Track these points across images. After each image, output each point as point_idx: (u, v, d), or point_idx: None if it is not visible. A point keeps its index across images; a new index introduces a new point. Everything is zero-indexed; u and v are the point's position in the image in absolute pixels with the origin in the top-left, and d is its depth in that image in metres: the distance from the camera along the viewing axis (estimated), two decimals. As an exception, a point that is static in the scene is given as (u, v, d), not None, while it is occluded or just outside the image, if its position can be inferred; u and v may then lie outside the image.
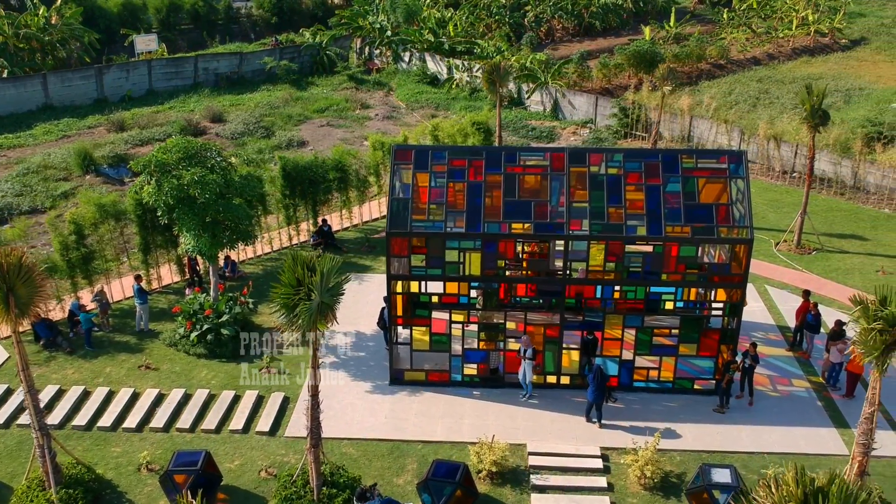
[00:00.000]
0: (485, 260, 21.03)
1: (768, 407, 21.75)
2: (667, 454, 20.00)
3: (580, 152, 21.62)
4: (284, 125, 44.73)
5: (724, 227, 20.52)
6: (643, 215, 20.64)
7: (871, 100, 48.73)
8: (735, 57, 61.31)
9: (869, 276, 28.72)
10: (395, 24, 57.21)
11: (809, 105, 28.93)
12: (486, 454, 18.96)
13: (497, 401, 21.88)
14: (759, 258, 30.12)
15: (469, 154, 21.59)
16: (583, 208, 20.77)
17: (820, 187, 36.64)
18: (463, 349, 22.00)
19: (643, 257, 20.95)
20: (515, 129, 44.59)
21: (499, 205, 20.91)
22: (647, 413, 21.49)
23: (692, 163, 21.29)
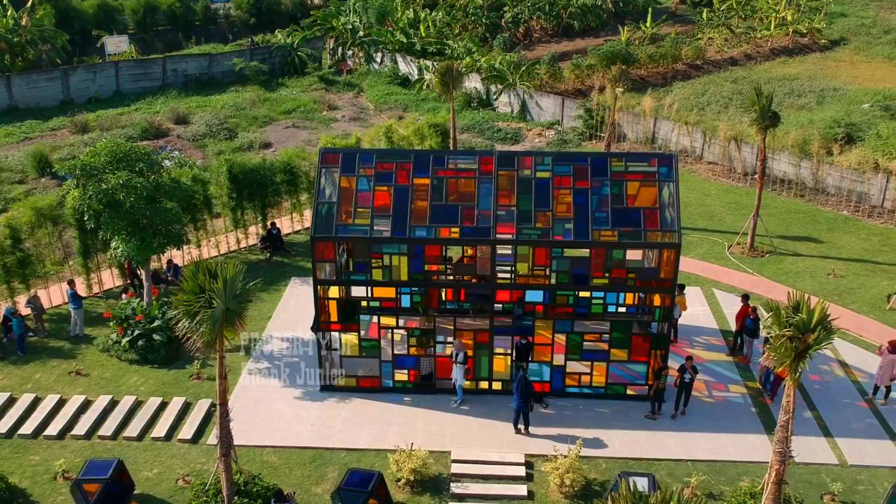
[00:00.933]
0: (412, 265, 20.74)
1: (701, 413, 21.48)
2: (592, 461, 19.74)
3: (509, 156, 21.37)
4: (249, 127, 44.44)
5: (653, 231, 20.22)
6: (571, 219, 20.34)
7: (843, 100, 48.47)
8: (712, 57, 61.06)
9: (819, 280, 28.46)
10: (367, 24, 56.93)
11: (759, 107, 28.65)
12: (404, 462, 18.69)
13: (428, 407, 21.61)
14: (711, 261, 29.90)
15: (397, 157, 21.31)
16: (510, 212, 20.49)
17: (780, 189, 36.39)
18: (393, 355, 21.72)
19: (570, 262, 20.66)
20: (482, 130, 44.32)
21: (426, 209, 20.61)
22: (578, 419, 21.23)
23: (622, 166, 21.00)
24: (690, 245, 31.13)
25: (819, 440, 20.52)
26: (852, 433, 20.76)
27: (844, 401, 22.10)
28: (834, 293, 27.50)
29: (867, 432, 20.79)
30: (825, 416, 21.43)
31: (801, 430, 20.78)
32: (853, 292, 27.57)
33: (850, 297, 27.25)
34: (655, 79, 55.75)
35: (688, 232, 32.23)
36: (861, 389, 22.54)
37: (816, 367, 23.59)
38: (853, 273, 28.90)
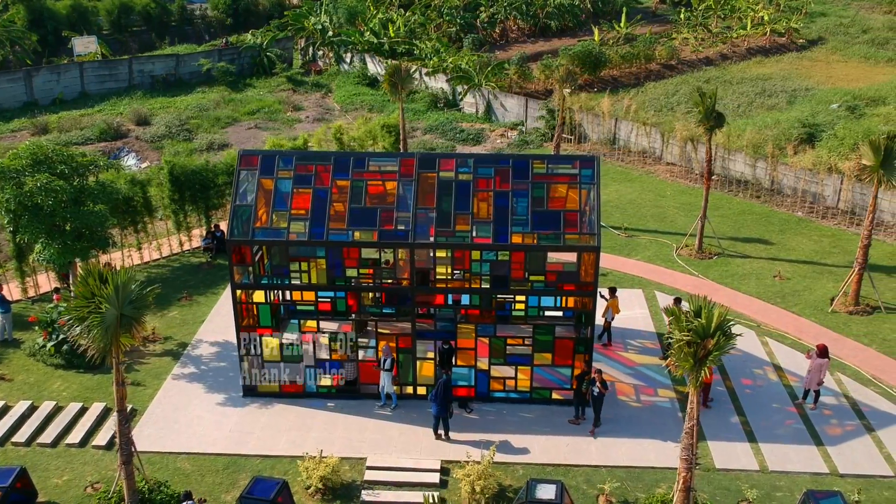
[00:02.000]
0: (330, 268, 20.47)
1: (627, 418, 21.20)
2: (510, 467, 19.47)
3: (430, 157, 21.09)
4: (210, 128, 44.19)
5: (572, 234, 19.94)
6: (490, 222, 20.07)
7: (813, 100, 48.21)
8: (687, 57, 60.79)
9: (765, 282, 28.18)
10: (337, 25, 56.65)
11: (703, 108, 28.37)
12: (314, 469, 18.41)
13: (350, 412, 21.34)
14: (658, 263, 29.64)
15: (317, 159, 21.03)
16: (430, 215, 20.21)
17: (736, 190, 36.10)
18: (315, 360, 21.45)
19: (490, 265, 20.39)
20: (444, 131, 44.05)
21: (344, 212, 20.35)
22: (501, 424, 20.95)
23: (543, 168, 20.73)
24: (639, 247, 30.87)
25: (743, 445, 20.23)
26: (777, 438, 20.47)
27: (774, 405, 21.81)
28: (777, 295, 27.22)
29: (792, 438, 20.51)
30: (752, 420, 21.14)
31: (726, 436, 20.57)
32: (797, 295, 27.29)
33: (794, 300, 26.97)
34: (628, 79, 55.47)
35: (637, 234, 32.00)
36: (793, 394, 22.26)
37: (750, 370, 23.34)
38: (800, 275, 28.62)
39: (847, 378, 23.00)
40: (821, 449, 20.12)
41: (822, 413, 21.50)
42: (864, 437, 20.53)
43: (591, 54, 53.69)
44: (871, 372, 23.25)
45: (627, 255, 30.26)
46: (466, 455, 19.12)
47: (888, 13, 76.57)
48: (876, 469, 19.43)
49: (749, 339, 24.84)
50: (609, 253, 30.39)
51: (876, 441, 20.40)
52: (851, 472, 19.33)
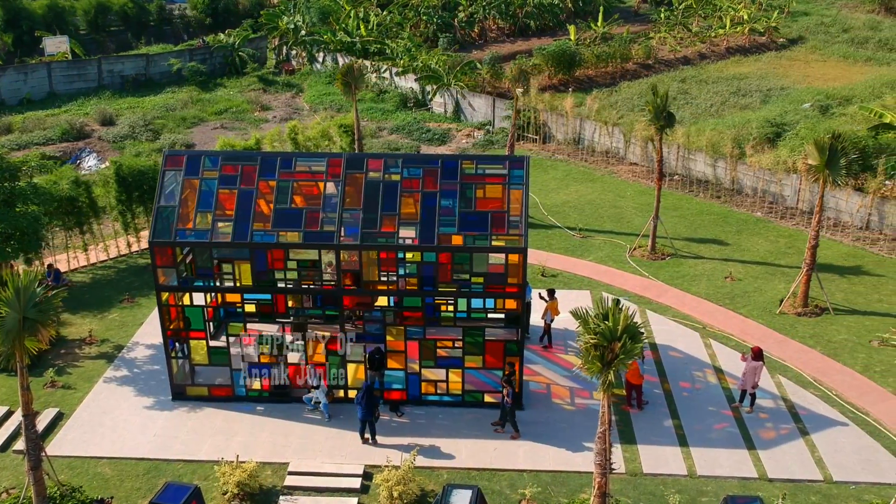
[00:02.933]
0: (255, 270, 20.19)
1: (559, 421, 20.91)
2: (434, 472, 19.20)
3: (358, 158, 20.81)
4: (176, 128, 43.89)
5: (498, 235, 19.66)
6: (417, 223, 19.79)
7: (787, 100, 47.98)
8: (665, 57, 60.49)
9: (715, 283, 27.90)
10: (310, 24, 56.36)
11: (653, 107, 28.08)
12: (230, 475, 18.12)
13: (278, 416, 21.05)
14: (610, 264, 29.35)
15: (242, 160, 20.74)
16: (356, 216, 19.93)
17: (697, 190, 35.81)
18: (244, 363, 21.16)
19: (417, 267, 20.12)
20: (410, 131, 43.76)
21: (270, 212, 20.06)
22: (431, 428, 20.68)
23: (472, 168, 20.44)
24: (592, 248, 30.59)
25: (673, 449, 19.94)
26: (709, 442, 20.19)
27: (710, 408, 21.53)
28: (727, 297, 26.95)
29: (724, 441, 20.23)
30: (686, 424, 20.86)
31: (657, 440, 20.29)
32: (747, 296, 27.00)
33: (743, 301, 26.68)
34: (604, 79, 55.19)
35: (592, 235, 31.72)
36: (731, 397, 21.98)
37: (690, 373, 23.07)
38: (752, 276, 28.33)
39: (787, 381, 22.72)
40: (752, 453, 19.84)
41: (757, 416, 21.21)
42: (798, 441, 20.25)
43: (565, 54, 53.42)
44: (813, 374, 22.97)
45: (580, 256, 29.98)
46: (387, 460, 18.82)
47: (871, 12, 76.31)
48: (805, 473, 19.15)
49: (693, 340, 24.57)
50: (562, 254, 30.14)
51: (809, 445, 20.12)
52: (780, 477, 19.05)
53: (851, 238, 31.19)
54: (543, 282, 27.91)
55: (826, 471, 19.22)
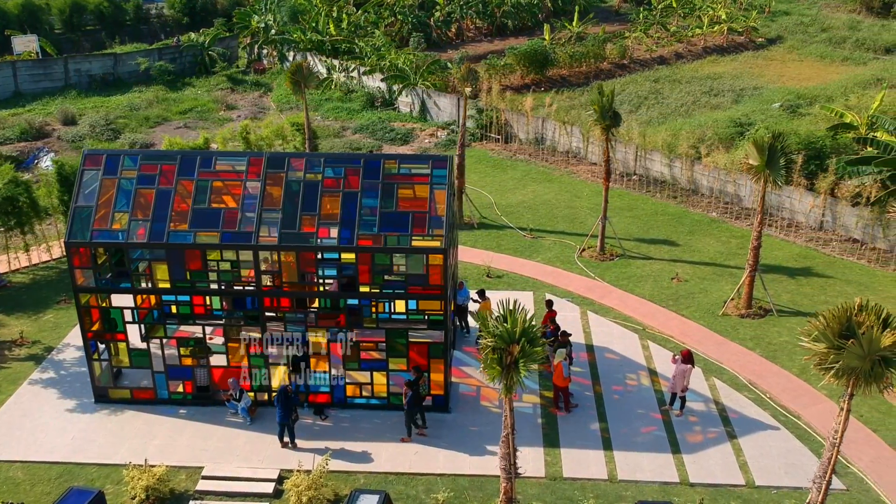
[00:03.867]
0: (172, 271, 19.88)
1: (484, 424, 20.60)
2: (352, 476, 18.90)
3: (279, 157, 20.51)
4: (138, 127, 43.56)
5: (419, 236, 19.36)
6: (337, 224, 19.49)
7: (758, 99, 47.77)
8: (640, 57, 60.23)
9: (661, 284, 27.61)
10: (280, 23, 56.04)
11: (598, 106, 27.77)
12: (138, 479, 17.82)
13: (200, 419, 20.75)
14: (557, 265, 29.06)
15: (161, 159, 20.43)
16: (275, 217, 19.63)
17: (654, 190, 35.51)
18: (165, 366, 20.86)
19: (337, 268, 19.83)
20: (374, 131, 43.45)
21: (187, 213, 19.75)
22: (354, 431, 20.39)
23: (395, 168, 20.15)
24: (542, 248, 30.29)
25: (596, 453, 19.65)
26: (634, 446, 19.89)
27: (639, 411, 21.23)
28: (671, 298, 26.65)
29: (650, 445, 19.93)
30: (612, 427, 20.56)
31: (581, 443, 20.01)
32: (692, 297, 26.71)
33: (687, 303, 26.39)
34: (578, 78, 54.93)
35: (544, 235, 31.42)
36: (662, 399, 21.69)
37: (624, 375, 22.78)
38: (699, 277, 28.04)
39: (722, 383, 22.43)
40: (676, 457, 19.54)
41: (687, 420, 20.92)
42: (725, 445, 19.96)
43: (537, 53, 53.14)
44: (749, 377, 22.68)
45: (529, 256, 29.68)
46: (298, 464, 18.52)
47: (852, 12, 76.08)
48: (728, 478, 18.86)
49: (631, 342, 24.28)
50: (510, 254, 29.84)
51: (735, 449, 19.83)
52: (702, 482, 18.77)
53: (804, 239, 30.91)
54: (488, 283, 27.62)
55: (749, 475, 18.94)
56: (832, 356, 14.54)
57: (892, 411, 21.30)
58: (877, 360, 14.41)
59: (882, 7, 74.40)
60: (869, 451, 19.84)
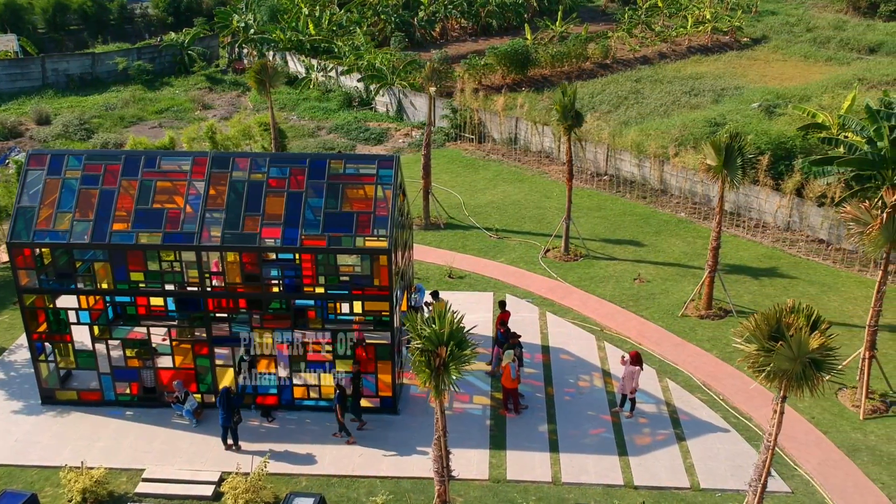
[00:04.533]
0: (115, 272, 19.72)
1: (431, 426, 20.29)
2: (294, 478, 18.75)
3: (224, 157, 20.37)
4: (113, 127, 43.40)
5: (363, 236, 19.21)
6: (281, 224, 19.34)
7: (738, 99, 47.66)
8: (624, 56, 60.09)
9: (623, 285, 27.46)
10: (260, 22, 55.89)
11: (560, 106, 27.62)
12: (74, 482, 17.66)
13: (146, 421, 20.61)
14: (521, 265, 28.92)
15: (106, 159, 20.28)
16: (219, 217, 19.48)
17: (625, 190, 35.35)
18: (111, 367, 20.71)
19: (280, 269, 19.69)
20: (349, 131, 43.29)
21: (130, 213, 19.60)
22: (300, 434, 20.25)
23: (341, 168, 20.00)
24: (507, 249, 30.14)
25: (542, 456, 19.50)
26: (581, 448, 19.75)
27: (589, 413, 21.09)
28: (632, 299, 26.51)
29: (597, 448, 19.79)
30: (561, 429, 20.42)
31: (528, 445, 19.87)
32: (653, 298, 26.57)
33: (647, 303, 26.24)
34: (559, 78, 54.75)
35: (510, 235, 31.27)
36: (613, 401, 21.56)
37: (577, 376, 22.64)
38: (661, 278, 27.90)
39: (676, 385, 22.29)
40: (622, 459, 19.40)
41: (637, 421, 20.78)
42: (672, 447, 19.82)
43: (517, 53, 53.00)
44: (703, 379, 22.54)
45: (493, 257, 29.53)
46: (237, 466, 18.37)
47: (839, 12, 75.97)
48: (673, 481, 18.72)
49: (587, 343, 24.14)
50: (475, 255, 29.69)
51: (683, 451, 19.69)
52: (646, 484, 18.63)
53: (771, 239, 30.77)
54: (450, 283, 27.48)
55: (695, 478, 18.80)
56: (762, 358, 14.35)
57: (845, 413, 21.13)
58: (807, 363, 14.17)
59: (869, 7, 74.32)
60: (818, 453, 19.70)
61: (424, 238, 30.95)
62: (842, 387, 22.15)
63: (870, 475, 18.96)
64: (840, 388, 22.11)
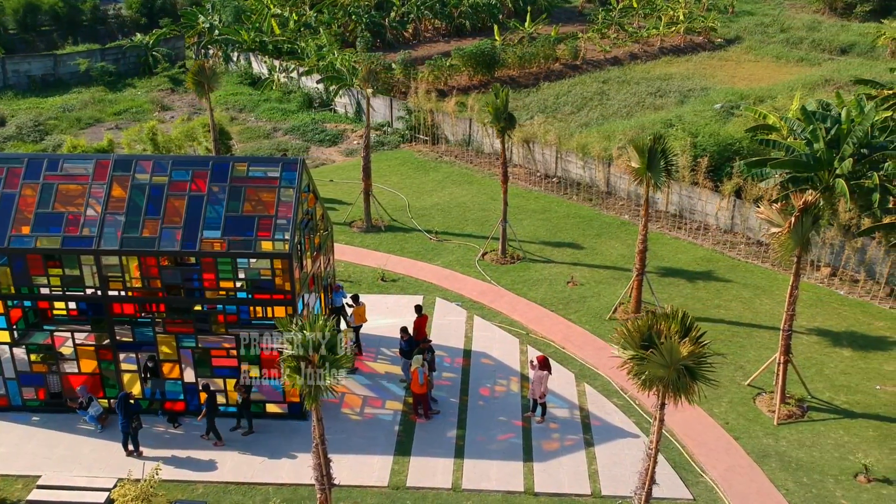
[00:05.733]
0: (16, 276, 19.49)
1: (338, 432, 20.19)
2: (191, 485, 18.53)
3: (127, 159, 20.13)
4: (68, 129, 43.16)
5: (264, 240, 18.98)
6: (181, 227, 19.11)
7: (704, 100, 47.51)
8: (594, 57, 59.88)
9: (556, 287, 27.24)
10: (226, 23, 55.67)
11: (493, 108, 27.38)
12: (-39, 489, 17.44)
13: (51, 427, 20.37)
14: (456, 268, 28.73)
15: (8, 162, 20.05)
16: (119, 220, 19.25)
17: (572, 192, 35.11)
18: (16, 372, 20.47)
19: (179, 272, 19.45)
20: (305, 132, 43.05)
21: (30, 216, 19.38)
22: (205, 440, 19.96)
23: (244, 171, 19.77)
24: (445, 251, 29.91)
25: (446, 462, 19.28)
26: (487, 454, 19.52)
27: (500, 419, 20.86)
28: (562, 302, 26.29)
29: (503, 454, 19.56)
30: (469, 435, 20.20)
31: (434, 451, 19.68)
32: (583, 301, 26.34)
33: (577, 307, 26.02)
34: (527, 79, 54.61)
35: (450, 238, 31.04)
36: (527, 406, 21.32)
37: (494, 381, 22.42)
38: (595, 280, 27.67)
39: (593, 389, 22.07)
40: (527, 465, 19.19)
41: (548, 427, 20.57)
42: (579, 453, 19.61)
43: (483, 54, 52.81)
44: (622, 383, 22.30)
45: (430, 260, 29.30)
46: (128, 473, 18.12)
47: (816, 12, 75.85)
48: (574, 487, 18.50)
49: (510, 347, 23.92)
50: (412, 258, 29.48)
51: (590, 457, 19.48)
52: (546, 491, 18.42)
53: (712, 242, 30.54)
54: (382, 287, 27.26)
55: (597, 484, 18.58)
56: (636, 365, 14.13)
57: (760, 418, 20.92)
58: (681, 370, 13.94)
59: (845, 7, 74.18)
60: (726, 459, 19.48)
61: (363, 241, 30.74)
62: (760, 392, 21.94)
63: (776, 481, 18.75)
64: (759, 394, 21.89)
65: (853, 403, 21.46)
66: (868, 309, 25.98)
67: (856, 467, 19.07)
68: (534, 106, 47.63)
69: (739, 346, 23.94)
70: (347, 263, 28.65)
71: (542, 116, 40.03)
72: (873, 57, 59.57)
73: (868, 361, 23.25)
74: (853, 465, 19.13)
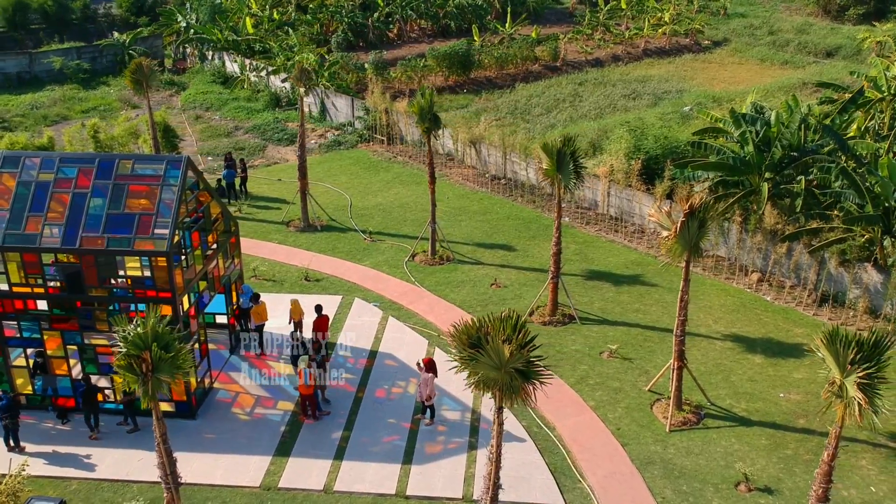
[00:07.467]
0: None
1: (224, 432, 20.19)
2: (64, 482, 18.57)
3: (16, 156, 20.23)
4: (33, 126, 43.55)
5: (143, 238, 18.98)
6: (62, 224, 19.16)
7: (677, 102, 47.16)
8: (575, 58, 59.51)
9: (479, 289, 27.06)
10: (201, 22, 55.95)
11: (418, 108, 27.25)
12: None
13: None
14: (383, 268, 28.65)
15: None
16: (2, 216, 19.35)
17: (517, 194, 34.87)
18: None
19: (60, 270, 19.50)
20: (264, 131, 43.14)
21: (-81, 212, 19.52)
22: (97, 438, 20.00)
23: (129, 168, 19.79)
24: (376, 252, 29.81)
25: (324, 463, 19.18)
26: (367, 456, 19.41)
27: (390, 420, 20.73)
28: (480, 304, 26.10)
29: (384, 456, 19.44)
30: (355, 436, 20.09)
31: (315, 452, 19.58)
32: (503, 303, 26.12)
33: (495, 309, 25.65)
34: (504, 80, 54.38)
35: (385, 238, 30.94)
36: (419, 408, 21.13)
37: (393, 382, 22.31)
38: (520, 283, 27.45)
39: (490, 393, 21.78)
40: (404, 468, 19.04)
41: (436, 429, 20.40)
42: (460, 457, 19.44)
43: (458, 55, 52.63)
44: (521, 386, 22.00)
45: (359, 260, 29.21)
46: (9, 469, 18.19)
47: (809, 15, 74.95)
48: (446, 491, 18.36)
49: (418, 349, 23.79)
50: (341, 257, 29.41)
51: (470, 461, 19.31)
52: (418, 494, 18.29)
53: (647, 245, 30.19)
54: (304, 286, 27.20)
55: (470, 488, 18.41)
56: (467, 367, 13.96)
57: (653, 424, 20.62)
58: (513, 372, 13.76)
59: (838, 10, 73.19)
60: (608, 465, 19.21)
61: (297, 240, 30.71)
62: (660, 398, 21.63)
63: (654, 489, 18.46)
64: (658, 399, 21.59)
65: (752, 411, 21.10)
66: (790, 315, 25.55)
67: (739, 476, 18.72)
68: (504, 107, 47.34)
69: (649, 350, 23.63)
70: (274, 262, 28.63)
71: (490, 117, 39.76)
72: (859, 60, 58.66)
73: (778, 369, 22.85)
74: (737, 475, 18.80)
